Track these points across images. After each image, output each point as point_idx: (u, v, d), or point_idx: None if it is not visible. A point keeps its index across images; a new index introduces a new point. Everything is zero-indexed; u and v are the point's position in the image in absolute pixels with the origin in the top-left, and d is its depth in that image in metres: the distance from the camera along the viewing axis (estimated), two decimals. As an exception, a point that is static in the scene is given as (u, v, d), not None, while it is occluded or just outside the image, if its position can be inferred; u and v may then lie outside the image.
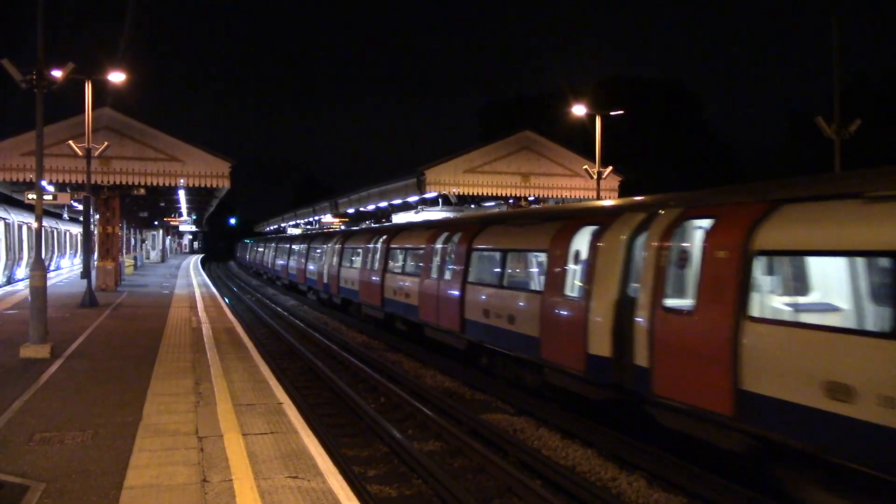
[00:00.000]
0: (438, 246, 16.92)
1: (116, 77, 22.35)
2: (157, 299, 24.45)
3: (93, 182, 24.44)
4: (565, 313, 10.83)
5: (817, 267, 7.97)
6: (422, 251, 18.09)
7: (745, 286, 7.52)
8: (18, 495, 5.85)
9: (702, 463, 8.89)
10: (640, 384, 9.01)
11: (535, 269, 13.26)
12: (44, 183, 23.78)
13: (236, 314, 21.80)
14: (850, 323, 7.10)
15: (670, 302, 8.72)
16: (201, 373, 11.07)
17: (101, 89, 23.95)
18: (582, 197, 33.25)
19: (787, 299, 7.98)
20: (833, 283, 7.68)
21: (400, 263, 20.11)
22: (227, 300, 28.19)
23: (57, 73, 14.96)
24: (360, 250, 24.26)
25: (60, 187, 27.69)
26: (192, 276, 40.60)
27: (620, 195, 32.04)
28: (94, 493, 5.98)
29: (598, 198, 28.76)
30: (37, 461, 6.78)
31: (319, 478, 6.41)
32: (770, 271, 7.86)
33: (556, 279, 11.26)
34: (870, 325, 6.80)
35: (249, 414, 8.61)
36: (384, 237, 21.76)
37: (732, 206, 8.25)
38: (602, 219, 10.75)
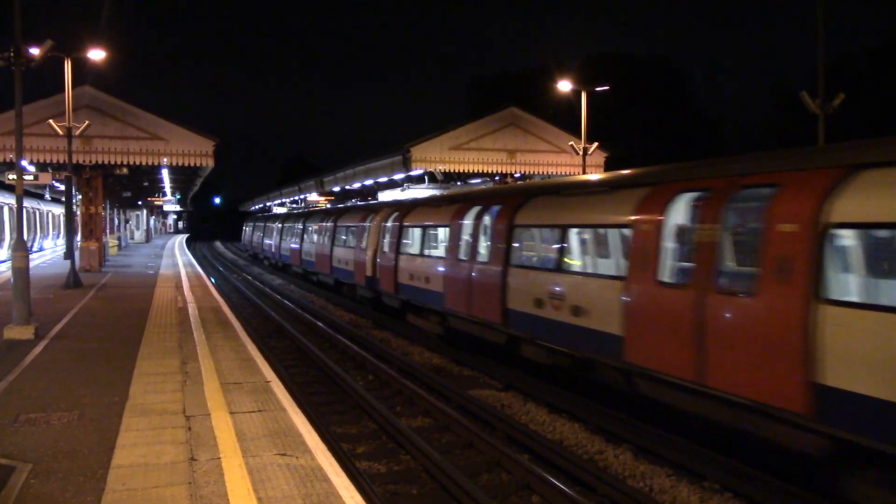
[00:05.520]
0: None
1: (97, 54, 21.95)
2: (142, 279, 24.30)
3: (74, 162, 24.12)
4: (359, 259, 21.89)
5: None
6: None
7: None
8: (4, 476, 5.82)
9: (686, 434, 8.99)
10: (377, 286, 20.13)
11: (354, 240, 23.06)
12: (24, 163, 23.47)
13: (222, 294, 21.69)
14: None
15: (383, 251, 19.52)
16: (188, 352, 11.03)
17: (82, 67, 23.60)
18: (567, 173, 33.21)
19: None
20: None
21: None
22: (212, 280, 28.04)
23: (35, 51, 14.70)
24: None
25: (42, 167, 27.29)
26: (178, 255, 40.33)
27: (606, 171, 32.01)
28: (81, 473, 5.96)
29: (584, 174, 28.73)
30: (23, 442, 6.74)
31: (308, 455, 6.42)
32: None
33: (362, 242, 21.83)
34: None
35: (237, 392, 8.60)
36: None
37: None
38: (379, 210, 21.61)
